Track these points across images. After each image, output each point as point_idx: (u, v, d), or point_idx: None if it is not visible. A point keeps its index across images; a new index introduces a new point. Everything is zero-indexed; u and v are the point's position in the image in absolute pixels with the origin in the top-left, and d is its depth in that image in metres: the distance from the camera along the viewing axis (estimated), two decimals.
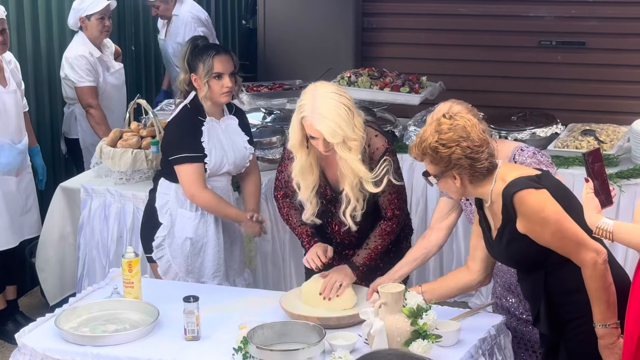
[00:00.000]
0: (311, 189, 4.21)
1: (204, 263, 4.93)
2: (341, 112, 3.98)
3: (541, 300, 3.68)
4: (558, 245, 3.56)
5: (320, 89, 4.04)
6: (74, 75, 6.47)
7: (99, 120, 6.47)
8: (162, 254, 4.89)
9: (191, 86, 4.82)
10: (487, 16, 7.64)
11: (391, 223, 4.23)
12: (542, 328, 3.72)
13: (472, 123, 3.58)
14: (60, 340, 3.89)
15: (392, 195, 4.20)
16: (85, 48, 6.53)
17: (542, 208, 3.52)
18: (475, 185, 3.62)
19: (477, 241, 3.88)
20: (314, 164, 4.18)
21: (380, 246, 4.23)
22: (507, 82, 7.60)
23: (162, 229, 4.89)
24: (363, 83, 6.57)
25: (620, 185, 5.60)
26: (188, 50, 4.80)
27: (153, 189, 4.98)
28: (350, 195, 4.14)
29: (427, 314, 3.66)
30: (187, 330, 3.86)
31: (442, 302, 4.05)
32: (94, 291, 4.36)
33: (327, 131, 3.98)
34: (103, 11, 6.53)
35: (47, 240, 5.85)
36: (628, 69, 7.35)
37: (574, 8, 7.46)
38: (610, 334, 3.57)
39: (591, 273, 3.54)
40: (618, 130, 6.21)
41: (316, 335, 3.73)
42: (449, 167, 3.56)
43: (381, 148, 4.16)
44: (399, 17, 7.96)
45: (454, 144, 3.53)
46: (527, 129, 6.16)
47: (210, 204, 4.85)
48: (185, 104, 4.82)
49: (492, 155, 3.61)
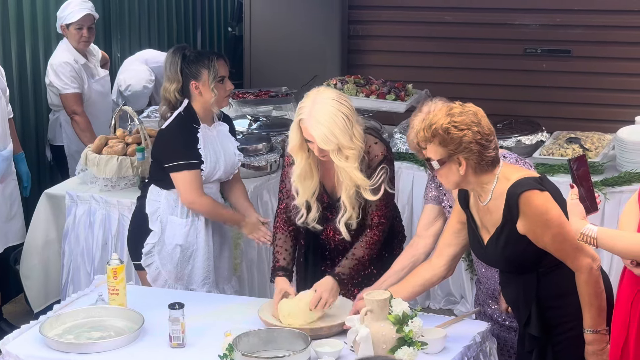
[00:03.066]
0: (311, 194, 4.19)
1: (193, 270, 4.93)
2: (337, 120, 3.98)
3: (533, 303, 3.69)
4: (557, 249, 3.57)
5: (322, 94, 4.04)
6: (59, 82, 6.45)
7: (83, 127, 6.45)
8: (152, 261, 4.88)
9: (184, 95, 4.81)
10: (473, 24, 7.67)
11: (377, 231, 4.23)
12: (532, 330, 3.73)
13: (483, 113, 3.60)
14: (45, 348, 3.87)
15: (380, 203, 4.19)
16: (70, 55, 6.52)
17: (546, 210, 3.54)
18: (478, 175, 3.61)
19: (452, 238, 3.90)
20: (314, 168, 4.17)
21: (367, 256, 4.23)
22: (493, 89, 7.62)
23: (153, 235, 4.88)
24: (349, 90, 6.58)
25: (605, 193, 5.62)
26: (179, 59, 4.78)
27: (142, 196, 4.97)
28: (347, 203, 4.14)
29: (412, 321, 3.66)
30: (172, 337, 3.85)
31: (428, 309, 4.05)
32: (78, 298, 4.34)
33: (319, 137, 3.98)
34: (80, 21, 6.50)
35: (32, 247, 5.82)
36: (613, 77, 7.39)
37: (559, 16, 7.50)
38: (599, 340, 3.58)
39: (586, 279, 3.56)
40: (603, 138, 6.23)
41: (302, 342, 3.72)
42: (458, 150, 3.54)
43: (380, 155, 4.16)
44: (385, 24, 7.98)
45: (466, 127, 3.53)
46: (513, 137, 6.18)
47: (209, 209, 4.86)
48: (180, 112, 4.81)
49: (497, 148, 3.62)
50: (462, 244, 3.91)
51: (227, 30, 9.46)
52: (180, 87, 4.80)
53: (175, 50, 4.87)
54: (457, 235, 3.89)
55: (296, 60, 8.00)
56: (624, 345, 3.44)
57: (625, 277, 3.50)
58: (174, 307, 3.82)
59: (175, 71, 4.79)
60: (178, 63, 4.78)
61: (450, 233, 3.92)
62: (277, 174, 5.95)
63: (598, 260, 3.58)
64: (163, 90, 4.88)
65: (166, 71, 4.85)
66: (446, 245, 3.93)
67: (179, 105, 4.83)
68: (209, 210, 4.87)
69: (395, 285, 3.98)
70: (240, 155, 5.08)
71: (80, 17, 6.49)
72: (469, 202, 3.77)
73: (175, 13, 8.53)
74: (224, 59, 4.85)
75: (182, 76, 4.78)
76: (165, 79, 4.86)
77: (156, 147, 4.92)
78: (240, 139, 5.87)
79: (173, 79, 4.80)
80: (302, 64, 7.87)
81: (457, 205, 3.87)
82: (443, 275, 3.97)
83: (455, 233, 3.90)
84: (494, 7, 7.64)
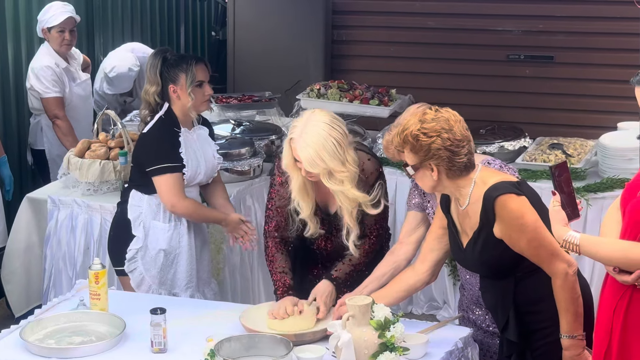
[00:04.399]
0: (310, 209, 4.17)
1: (176, 274, 4.92)
2: (327, 145, 3.96)
3: (510, 308, 3.70)
4: (532, 254, 3.58)
5: (315, 116, 4.02)
6: (40, 86, 6.43)
7: (65, 131, 6.43)
8: (135, 266, 4.86)
9: (164, 98, 4.81)
10: (456, 30, 7.69)
11: (375, 241, 4.25)
12: (510, 335, 3.73)
13: (456, 119, 3.61)
14: (26, 352, 3.85)
15: (379, 215, 4.21)
16: (51, 58, 6.50)
17: (522, 214, 3.55)
18: (452, 180, 3.63)
19: (434, 244, 3.91)
20: (308, 185, 4.15)
21: (363, 263, 4.24)
22: (476, 95, 7.65)
23: (136, 241, 4.86)
24: (332, 95, 6.59)
25: (588, 198, 5.63)
26: (159, 62, 4.78)
27: (122, 202, 4.95)
28: (351, 224, 4.13)
29: (394, 327, 3.66)
30: (153, 342, 3.84)
31: (410, 315, 4.06)
32: (60, 303, 4.32)
33: (306, 159, 3.97)
34: (62, 24, 6.48)
35: (13, 251, 5.80)
36: (595, 83, 7.42)
37: (542, 22, 7.53)
38: (576, 345, 3.60)
39: (562, 284, 3.56)
40: (585, 144, 6.25)
41: (283, 348, 3.72)
42: (427, 156, 3.57)
43: (375, 172, 4.18)
44: (369, 30, 7.99)
45: (435, 134, 3.55)
46: (496, 142, 6.19)
47: (191, 211, 4.85)
48: (160, 115, 4.80)
49: (471, 153, 3.63)
50: (445, 249, 3.92)
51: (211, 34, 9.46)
52: (159, 90, 4.79)
53: (157, 53, 4.86)
54: (440, 240, 3.90)
55: (280, 65, 8.00)
56: (607, 352, 3.45)
57: (607, 284, 3.51)
58: (156, 312, 3.81)
59: (155, 74, 4.78)
60: (158, 66, 4.77)
61: (433, 238, 3.93)
62: (260, 179, 5.95)
63: (574, 265, 3.59)
64: (143, 93, 4.86)
65: (147, 73, 4.85)
66: (429, 251, 3.93)
67: (158, 108, 4.82)
68: (191, 212, 4.87)
69: (379, 291, 3.99)
70: (220, 159, 5.08)
71: (62, 20, 6.48)
72: (450, 207, 3.78)
73: (158, 17, 8.53)
74: (205, 63, 4.84)
75: (161, 79, 4.78)
76: (146, 82, 4.85)
77: (137, 151, 4.91)
78: (223, 143, 5.87)
79: (153, 82, 4.79)
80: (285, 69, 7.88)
81: (439, 210, 3.88)
82: (426, 281, 3.98)
83: (438, 238, 3.91)
84: (477, 13, 7.67)
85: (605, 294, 3.51)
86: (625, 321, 3.39)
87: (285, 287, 4.21)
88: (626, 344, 3.39)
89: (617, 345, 3.40)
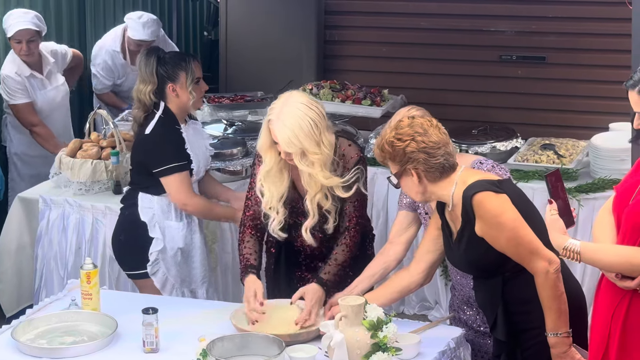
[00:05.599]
0: (278, 197, 4.17)
1: (192, 270, 4.96)
2: (303, 125, 3.98)
3: (498, 307, 3.70)
4: (512, 252, 3.60)
5: (293, 98, 4.05)
6: (5, 94, 6.37)
7: (45, 137, 6.38)
8: (157, 267, 4.86)
9: (159, 97, 4.78)
10: (449, 30, 7.68)
11: (355, 232, 4.22)
12: (499, 334, 3.74)
13: (432, 124, 3.68)
14: (17, 352, 3.85)
15: (357, 203, 4.20)
16: (13, 66, 6.37)
17: (499, 212, 3.56)
18: (434, 184, 3.65)
19: (430, 245, 3.93)
20: (284, 170, 4.16)
21: (348, 260, 4.23)
22: (468, 95, 7.64)
23: (156, 243, 4.85)
24: (325, 95, 6.58)
25: (579, 199, 5.64)
26: (154, 61, 4.76)
27: (129, 205, 4.91)
28: (311, 209, 4.14)
29: (387, 327, 3.66)
30: (145, 342, 3.84)
31: (402, 315, 4.06)
32: (51, 303, 4.32)
33: (282, 139, 3.99)
34: (18, 35, 6.31)
35: (4, 251, 5.79)
36: (587, 84, 7.42)
37: (534, 23, 7.52)
38: (561, 342, 3.60)
39: (543, 282, 3.58)
40: (577, 145, 6.26)
41: (276, 347, 3.72)
42: (404, 160, 3.63)
43: (355, 157, 4.18)
44: (362, 30, 7.98)
45: (409, 137, 3.62)
46: (488, 143, 6.19)
47: (202, 208, 4.87)
48: (159, 115, 4.78)
49: (450, 154, 3.66)
50: (441, 250, 3.93)
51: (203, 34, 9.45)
52: (155, 89, 4.77)
53: (150, 52, 4.84)
54: (436, 241, 3.91)
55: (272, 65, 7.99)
56: (604, 356, 3.44)
57: (602, 287, 3.50)
58: (148, 312, 3.81)
59: (151, 73, 4.76)
60: (153, 65, 4.75)
61: (429, 240, 3.93)
62: None
63: (555, 263, 3.58)
64: (136, 92, 4.83)
65: (140, 73, 4.82)
66: (425, 252, 3.94)
67: (152, 107, 4.80)
68: (202, 210, 4.88)
69: (373, 292, 3.99)
70: (212, 150, 5.12)
71: (17, 31, 6.30)
72: (444, 209, 3.79)
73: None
74: (198, 60, 4.86)
75: (157, 78, 4.76)
76: (140, 81, 4.82)
77: (141, 153, 4.85)
78: (216, 143, 5.87)
79: (148, 81, 4.77)
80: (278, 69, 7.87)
81: (435, 212, 3.89)
82: (421, 282, 3.99)
83: (434, 239, 3.91)
84: (469, 13, 7.66)
85: (600, 298, 3.51)
86: (625, 326, 3.38)
87: (246, 266, 4.19)
88: (626, 348, 3.39)
89: (616, 349, 3.40)
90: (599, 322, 3.49)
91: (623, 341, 3.39)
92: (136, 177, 4.93)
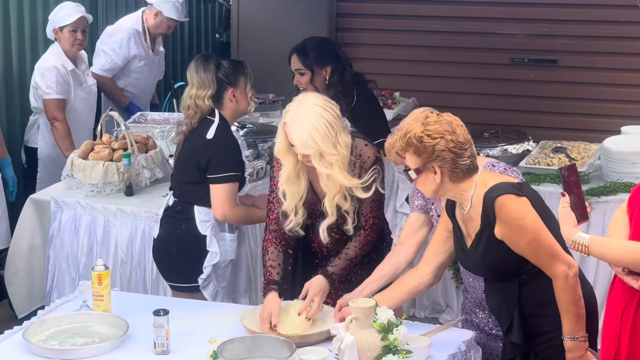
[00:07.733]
0: (298, 198, 4.17)
1: (237, 280, 4.95)
2: (319, 127, 3.97)
3: (514, 310, 3.70)
4: (532, 255, 3.59)
5: (307, 100, 4.05)
6: (43, 87, 6.42)
7: (63, 134, 6.41)
8: (209, 281, 4.82)
9: (217, 103, 4.73)
10: (461, 33, 7.69)
11: (370, 232, 4.23)
12: (514, 338, 3.73)
13: (458, 123, 3.64)
14: (29, 354, 3.85)
15: (375, 203, 4.20)
16: (58, 60, 6.49)
17: (521, 215, 3.55)
18: (455, 183, 3.63)
19: (439, 247, 3.92)
20: (302, 172, 4.16)
21: (359, 257, 4.23)
22: (480, 98, 7.65)
23: (211, 257, 4.78)
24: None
25: (591, 202, 5.62)
26: (213, 67, 4.70)
27: (185, 219, 4.79)
28: (329, 209, 4.13)
29: (397, 329, 3.66)
30: (156, 344, 3.84)
31: (413, 317, 4.06)
32: (63, 304, 4.32)
33: (298, 141, 3.98)
34: (75, 24, 6.49)
35: (17, 252, 5.80)
36: (599, 87, 7.42)
37: (546, 26, 7.53)
38: (578, 347, 3.59)
39: (562, 285, 3.57)
40: (589, 148, 6.25)
41: (286, 350, 3.72)
42: (431, 158, 3.58)
43: (372, 157, 4.17)
44: (373, 33, 8.00)
45: (439, 135, 3.57)
46: (499, 146, 6.19)
47: (242, 217, 4.82)
48: (218, 122, 4.71)
49: (474, 156, 3.65)
50: (450, 252, 3.92)
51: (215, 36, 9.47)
52: (212, 94, 4.71)
53: (207, 58, 4.78)
54: (445, 243, 3.91)
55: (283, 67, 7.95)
56: (616, 355, 3.45)
57: (615, 287, 3.51)
58: (159, 314, 3.81)
59: (211, 79, 4.68)
60: (213, 70, 4.69)
61: (438, 241, 3.93)
62: (264, 181, 5.94)
63: (575, 267, 3.59)
64: (194, 98, 4.71)
65: (197, 78, 4.71)
66: (434, 253, 3.94)
67: (208, 112, 4.73)
68: (242, 218, 4.83)
69: (381, 293, 3.99)
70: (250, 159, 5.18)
71: (75, 20, 6.47)
72: (455, 211, 3.79)
73: None
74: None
75: (218, 83, 4.71)
76: (196, 86, 4.71)
77: (202, 157, 4.71)
78: None
79: (207, 86, 4.68)
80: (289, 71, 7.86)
81: (444, 213, 3.89)
82: (429, 283, 3.99)
83: (443, 241, 3.91)
84: (481, 16, 7.67)
85: (612, 296, 3.52)
86: (634, 323, 3.39)
87: (268, 281, 4.19)
88: (635, 346, 3.39)
89: (626, 347, 3.40)
90: (610, 321, 3.49)
91: (633, 338, 3.39)
92: (186, 187, 4.81)
